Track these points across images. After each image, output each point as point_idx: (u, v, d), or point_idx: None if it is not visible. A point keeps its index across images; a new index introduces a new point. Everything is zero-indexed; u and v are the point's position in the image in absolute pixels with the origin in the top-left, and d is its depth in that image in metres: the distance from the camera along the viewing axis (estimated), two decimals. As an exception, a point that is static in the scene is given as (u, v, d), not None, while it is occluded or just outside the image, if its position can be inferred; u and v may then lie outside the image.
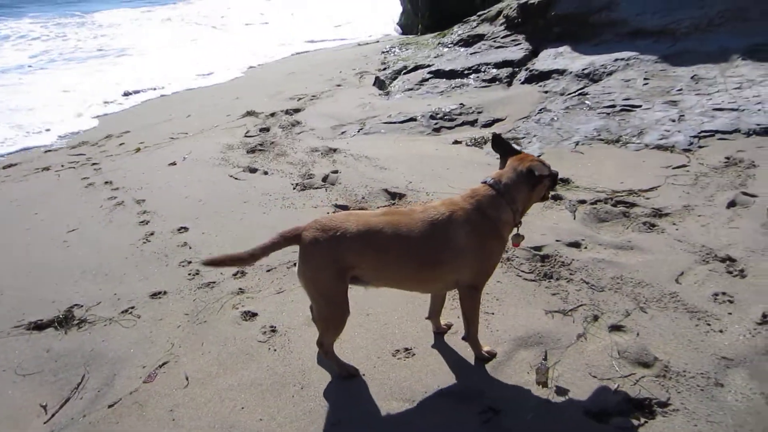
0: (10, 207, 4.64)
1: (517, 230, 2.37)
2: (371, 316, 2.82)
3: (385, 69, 8.08)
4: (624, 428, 2.04)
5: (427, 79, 7.21)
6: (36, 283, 3.44)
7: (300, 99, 7.32)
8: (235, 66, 9.98)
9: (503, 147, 2.37)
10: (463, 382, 2.36)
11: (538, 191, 2.32)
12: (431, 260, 2.21)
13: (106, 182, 4.98)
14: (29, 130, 7.03)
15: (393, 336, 2.68)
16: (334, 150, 5.20)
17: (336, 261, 2.18)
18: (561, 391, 2.23)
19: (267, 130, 6.15)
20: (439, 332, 2.65)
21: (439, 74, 7.28)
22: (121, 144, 6.20)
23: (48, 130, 7.07)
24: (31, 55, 12.46)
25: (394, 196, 4.14)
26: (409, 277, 2.30)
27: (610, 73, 6.04)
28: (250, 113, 6.83)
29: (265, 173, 4.86)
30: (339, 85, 7.87)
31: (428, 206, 2.30)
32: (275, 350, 2.66)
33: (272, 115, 6.70)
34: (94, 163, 5.55)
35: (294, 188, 4.46)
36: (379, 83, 7.45)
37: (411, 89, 7.02)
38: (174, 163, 5.29)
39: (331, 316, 2.31)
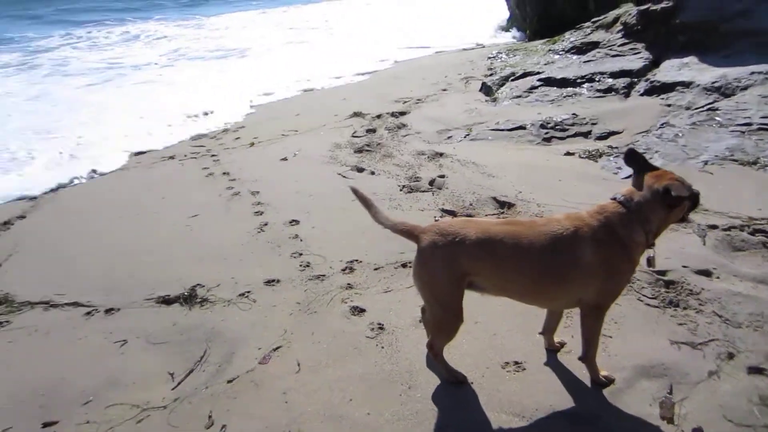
0: (141, 191, 5.09)
1: (653, 252, 2.27)
2: (480, 324, 2.81)
3: (491, 75, 8.01)
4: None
5: (536, 87, 7.06)
6: (164, 261, 3.75)
7: (405, 102, 7.43)
8: (342, 71, 10.18)
9: (638, 162, 2.27)
10: (578, 404, 2.29)
11: (676, 213, 2.20)
12: (552, 275, 2.18)
13: (224, 173, 5.33)
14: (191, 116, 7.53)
15: (502, 347, 2.66)
16: (441, 154, 5.23)
17: (453, 266, 2.20)
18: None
19: (373, 131, 6.30)
20: (552, 349, 2.59)
21: (549, 82, 7.10)
22: (236, 138, 6.60)
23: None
24: (160, 54, 13.58)
25: (503, 204, 4.09)
26: (527, 290, 2.28)
27: (744, 88, 5.60)
28: (357, 114, 7.02)
29: (372, 173, 4.99)
30: (444, 90, 7.90)
31: (551, 219, 2.26)
32: (383, 347, 2.73)
33: (378, 116, 6.84)
34: (213, 155, 5.96)
35: (401, 190, 4.54)
36: (486, 89, 7.40)
37: (519, 96, 6.90)
38: (285, 159, 5.56)
39: (444, 321, 2.33)
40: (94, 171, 5.74)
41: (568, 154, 5.00)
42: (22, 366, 2.84)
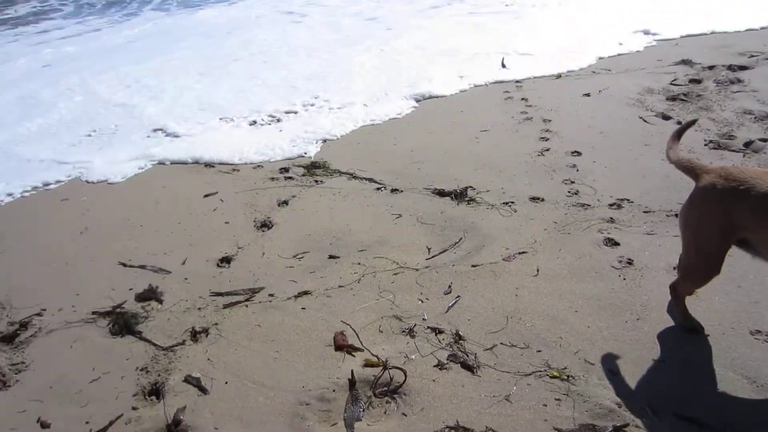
0: (443, 108, 5.79)
1: None
2: (742, 289, 2.61)
3: None
4: None
5: None
6: (448, 162, 4.36)
7: (753, 56, 6.39)
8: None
9: None
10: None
11: None
12: None
13: (523, 98, 5.64)
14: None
15: (760, 316, 2.45)
16: (776, 115, 4.51)
17: (728, 216, 2.10)
18: None
19: (698, 81, 5.71)
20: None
21: None
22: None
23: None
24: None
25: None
26: None
27: None
28: (684, 62, 6.39)
29: (679, 123, 4.64)
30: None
31: None
32: (624, 279, 2.80)
33: (711, 68, 6.12)
34: (516, 81, 6.28)
35: (705, 144, 4.17)
36: None
37: None
38: (588, 95, 5.54)
39: (697, 268, 2.28)
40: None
41: None
42: (324, 213, 3.80)
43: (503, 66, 6.82)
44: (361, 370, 2.40)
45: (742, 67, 6.04)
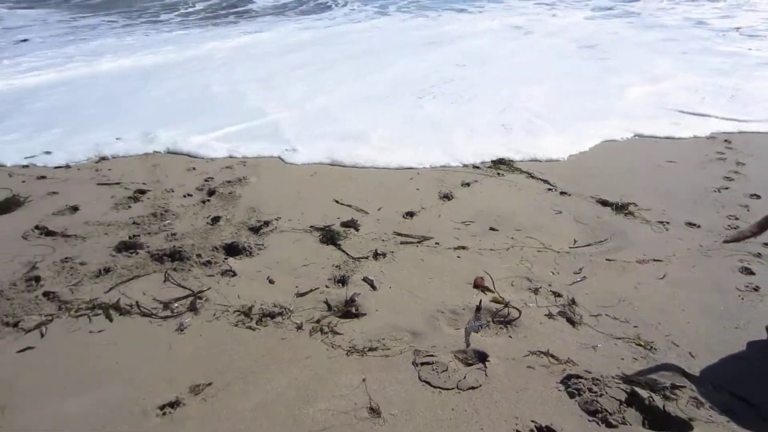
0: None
1: None
2: None
3: None
4: None
5: None
6: (622, 180, 4.85)
7: None
8: None
9: None
10: None
11: None
12: None
13: (726, 140, 5.75)
14: None
15: None
16: None
17: None
18: None
19: None
20: None
21: None
22: None
23: None
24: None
25: None
26: None
27: None
28: None
29: None
30: None
31: None
32: (743, 300, 3.17)
33: None
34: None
35: None
36: None
37: None
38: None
39: None
40: None
41: None
42: (497, 199, 4.61)
43: None
44: (487, 303, 3.22)
45: None
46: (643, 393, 2.48)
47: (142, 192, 4.85)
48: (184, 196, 4.76)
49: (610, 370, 2.66)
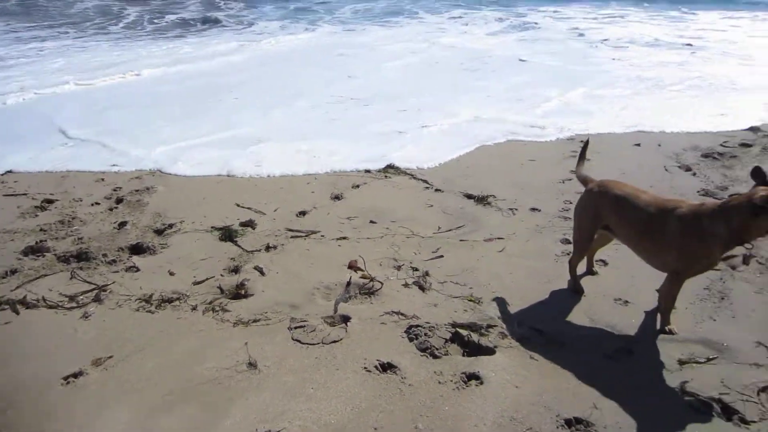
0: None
1: (747, 252, 2.82)
2: (619, 270, 3.71)
3: None
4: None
5: None
6: (491, 179, 5.67)
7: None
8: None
9: (761, 177, 2.78)
10: (636, 336, 3.15)
11: (762, 222, 2.67)
12: (649, 235, 3.05)
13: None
14: None
15: (617, 288, 3.56)
16: None
17: (596, 209, 3.32)
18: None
19: (748, 146, 6.42)
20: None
21: None
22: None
23: None
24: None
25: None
26: (634, 243, 3.19)
27: None
28: (753, 129, 7.06)
29: (694, 174, 5.53)
30: None
31: (670, 199, 3.05)
32: (557, 262, 3.98)
33: (776, 133, 6.74)
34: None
35: (697, 191, 5.08)
36: None
37: None
38: (638, 144, 6.51)
39: (578, 242, 3.50)
40: None
41: None
42: (380, 197, 5.31)
43: None
44: (357, 280, 3.87)
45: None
46: (464, 332, 3.20)
47: (50, 201, 5.21)
48: (92, 205, 5.16)
49: (444, 319, 3.37)
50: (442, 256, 4.17)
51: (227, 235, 4.59)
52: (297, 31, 16.89)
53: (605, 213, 3.26)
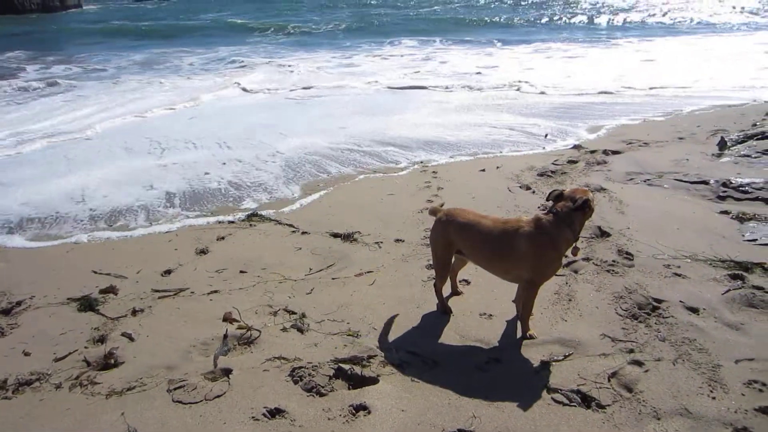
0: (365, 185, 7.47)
1: (577, 245, 3.37)
2: (480, 287, 4.15)
3: (743, 131, 7.97)
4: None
5: (778, 149, 6.96)
6: (354, 215, 5.96)
7: (630, 143, 8.16)
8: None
9: (559, 198, 3.37)
10: (501, 343, 3.55)
11: (587, 215, 3.29)
12: (499, 255, 3.49)
13: (434, 172, 7.32)
14: None
15: (481, 304, 3.98)
16: (604, 189, 6.16)
17: (447, 235, 3.70)
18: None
19: (575, 162, 7.42)
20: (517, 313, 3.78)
21: (798, 147, 6.90)
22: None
23: None
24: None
25: (603, 234, 5.02)
26: (485, 263, 3.62)
27: None
28: (576, 147, 8.15)
29: (533, 192, 6.29)
30: (681, 138, 8.25)
31: (511, 219, 3.53)
32: (424, 287, 4.32)
33: (593, 152, 7.85)
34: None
35: (538, 207, 5.79)
36: (721, 144, 7.55)
37: (747, 156, 6.97)
38: (483, 170, 7.23)
39: (437, 268, 3.85)
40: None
41: (722, 212, 5.37)
42: (247, 246, 5.36)
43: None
44: (234, 331, 3.89)
45: (616, 152, 7.79)
46: (346, 366, 3.37)
47: None
48: None
49: (326, 357, 3.52)
50: (315, 295, 4.33)
51: (86, 304, 4.36)
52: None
53: (455, 240, 3.66)
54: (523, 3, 43.21)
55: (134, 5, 58.09)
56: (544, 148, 8.34)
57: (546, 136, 9.00)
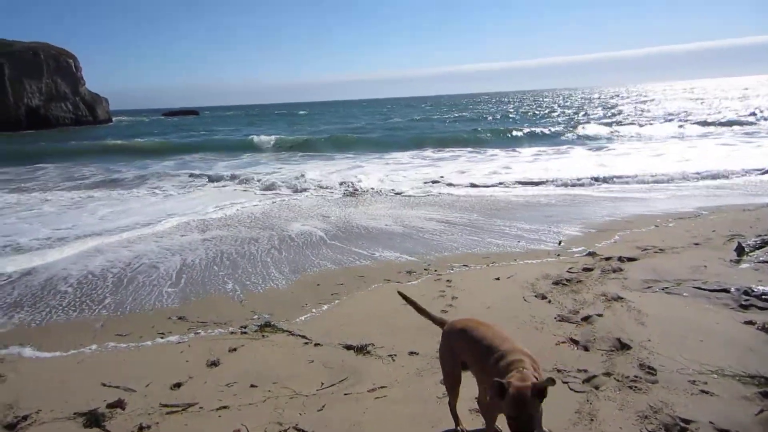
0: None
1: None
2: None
3: (760, 236, 7.95)
4: None
5: (800, 255, 6.89)
6: (367, 325, 5.91)
7: (645, 250, 8.15)
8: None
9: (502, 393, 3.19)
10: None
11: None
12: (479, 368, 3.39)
13: (448, 280, 7.32)
14: None
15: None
16: (620, 298, 6.08)
17: (452, 348, 3.62)
18: None
19: (590, 270, 7.38)
20: None
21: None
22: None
23: None
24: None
25: (623, 346, 4.89)
26: (477, 375, 3.49)
27: None
28: (590, 254, 8.14)
29: (549, 302, 6.23)
30: (697, 244, 8.23)
31: (503, 338, 3.38)
32: (439, 403, 4.19)
33: (607, 259, 7.83)
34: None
35: (554, 318, 5.70)
36: (739, 249, 7.51)
37: (767, 262, 6.90)
38: (498, 279, 7.22)
39: (446, 381, 3.74)
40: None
41: (748, 323, 5.24)
42: (259, 358, 5.30)
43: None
44: (243, 453, 3.77)
45: (632, 259, 7.75)
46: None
47: None
48: None
49: None
50: (327, 412, 4.21)
51: (93, 420, 4.28)
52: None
53: (459, 351, 3.58)
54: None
55: (166, 119, 61.37)
56: (558, 255, 8.32)
57: (560, 243, 9.03)
